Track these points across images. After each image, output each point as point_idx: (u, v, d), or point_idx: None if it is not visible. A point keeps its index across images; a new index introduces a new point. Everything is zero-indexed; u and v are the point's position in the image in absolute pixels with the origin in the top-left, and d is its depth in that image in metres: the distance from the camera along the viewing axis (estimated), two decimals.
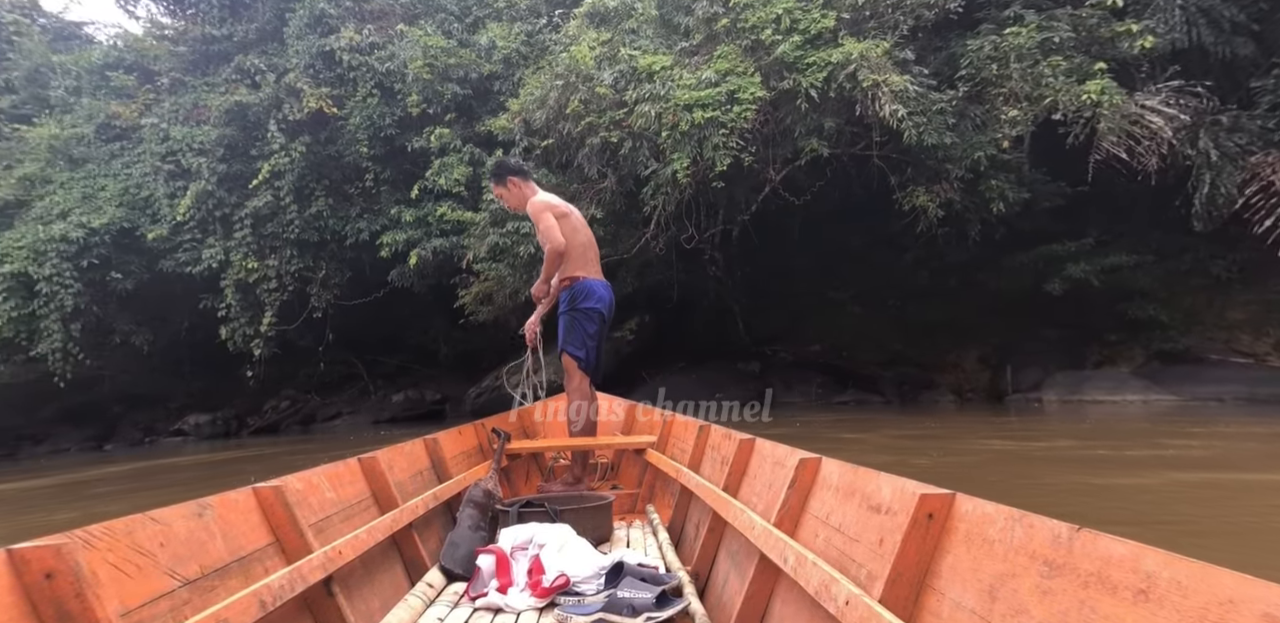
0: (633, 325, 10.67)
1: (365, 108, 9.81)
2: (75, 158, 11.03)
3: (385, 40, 10.40)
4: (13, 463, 10.79)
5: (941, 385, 10.78)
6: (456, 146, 9.46)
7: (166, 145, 10.03)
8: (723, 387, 10.44)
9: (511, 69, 10.16)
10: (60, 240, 9.69)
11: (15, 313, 9.71)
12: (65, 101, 12.00)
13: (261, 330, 9.78)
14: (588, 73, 8.70)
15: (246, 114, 9.82)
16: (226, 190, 9.80)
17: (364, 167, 9.87)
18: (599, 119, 8.61)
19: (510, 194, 3.20)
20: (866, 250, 11.39)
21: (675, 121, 8.06)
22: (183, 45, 11.49)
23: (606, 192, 8.98)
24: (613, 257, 9.42)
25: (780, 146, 8.78)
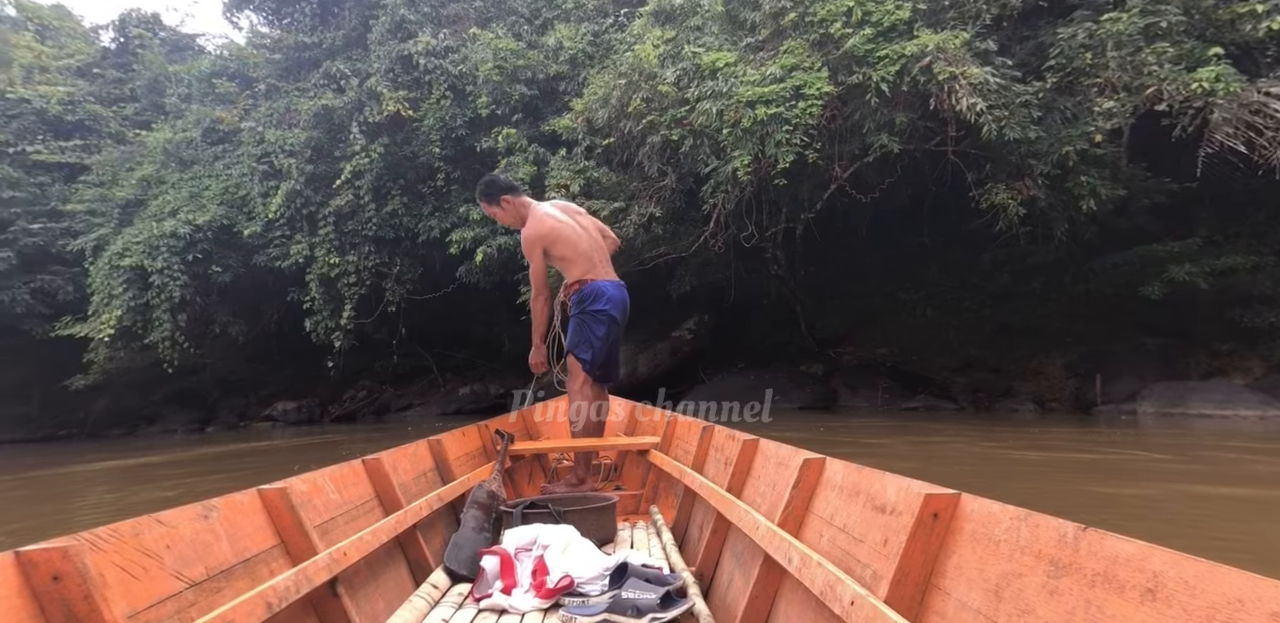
0: (691, 325, 10.64)
1: (438, 110, 10.20)
2: (185, 160, 12.06)
3: (459, 44, 10.76)
4: (132, 440, 12.01)
5: (1021, 393, 10.18)
6: (522, 147, 9.70)
7: (261, 147, 10.79)
8: (782, 388, 10.27)
9: (577, 69, 10.30)
10: (170, 236, 10.64)
11: (133, 303, 10.77)
12: (178, 108, 13.11)
13: (341, 323, 10.42)
14: (650, 71, 8.73)
15: (332, 117, 10.42)
16: (313, 190, 10.45)
17: (436, 167, 10.27)
18: (660, 117, 8.63)
19: (505, 213, 3.18)
20: (940, 250, 10.88)
21: (737, 119, 7.97)
22: (278, 53, 12.29)
23: (666, 190, 8.99)
24: (671, 255, 9.44)
25: (847, 143, 8.52)
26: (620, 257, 9.18)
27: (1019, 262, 10.17)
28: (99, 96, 14.23)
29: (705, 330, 10.84)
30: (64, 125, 13.66)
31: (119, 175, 12.43)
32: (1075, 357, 9.83)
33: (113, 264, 10.90)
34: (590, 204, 8.82)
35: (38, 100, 13.73)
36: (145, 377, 12.15)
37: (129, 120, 13.90)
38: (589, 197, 8.96)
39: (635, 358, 10.54)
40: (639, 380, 10.47)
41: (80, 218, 12.38)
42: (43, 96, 13.83)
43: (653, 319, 11.06)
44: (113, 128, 13.68)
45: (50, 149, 13.19)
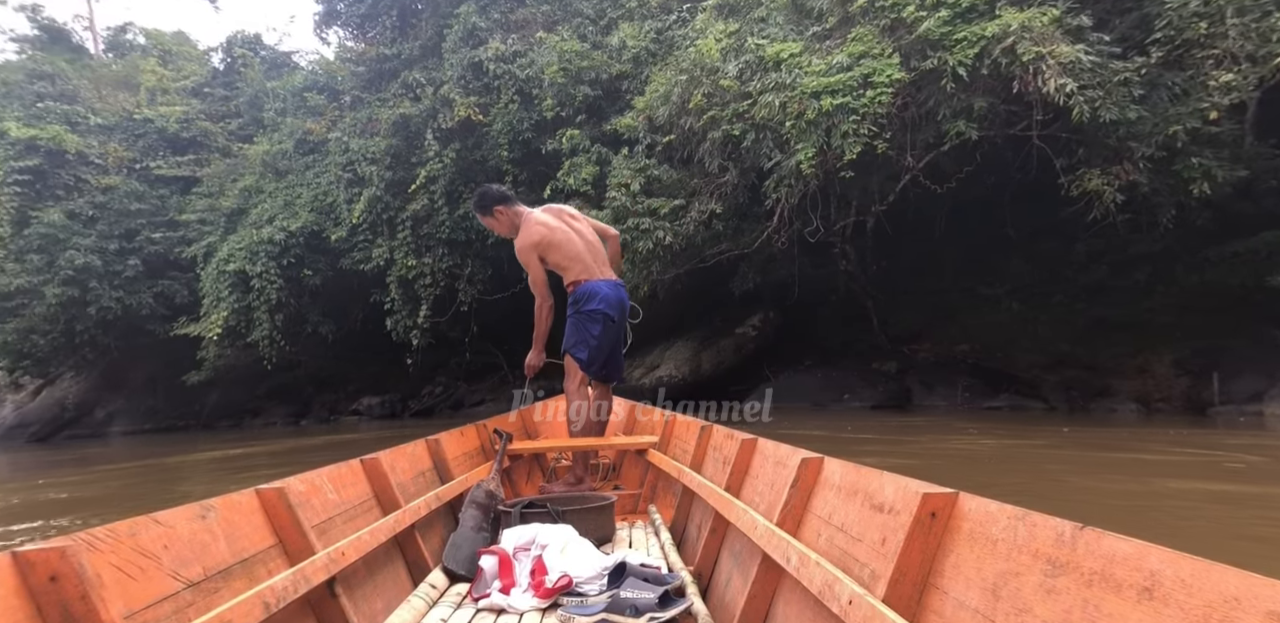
0: (755, 322, 10.47)
1: (506, 114, 10.48)
2: (280, 170, 12.99)
3: (526, 48, 11.01)
4: (238, 432, 13.15)
5: (1122, 393, 9.39)
6: (585, 147, 9.82)
7: (346, 156, 11.45)
8: (852, 387, 9.96)
9: (640, 67, 10.32)
10: (267, 242, 11.51)
11: (237, 305, 11.75)
12: (274, 121, 14.11)
13: (418, 322, 10.95)
14: (712, 65, 8.66)
15: (409, 125, 10.92)
16: (392, 195, 11.00)
17: (504, 169, 10.56)
18: (722, 112, 8.53)
19: (499, 223, 3.26)
20: (1026, 242, 10.19)
21: (801, 110, 7.80)
22: (361, 65, 12.97)
23: (727, 185, 8.89)
24: (733, 251, 9.32)
25: (921, 131, 8.16)
26: (681, 253, 9.27)
27: (1118, 251, 9.39)
28: (209, 113, 15.55)
29: (770, 328, 10.64)
30: (180, 141, 15.02)
31: (225, 186, 13.56)
32: (1187, 353, 8.97)
33: (219, 269, 11.93)
34: (650, 202, 8.86)
35: (159, 119, 15.15)
36: (249, 373, 13.22)
37: (233, 134, 15.12)
38: (649, 194, 8.99)
39: (698, 356, 10.49)
40: (702, 378, 10.42)
41: (193, 226, 13.60)
42: (163, 116, 15.25)
43: (715, 316, 10.97)
44: (220, 142, 14.93)
45: (169, 164, 14.55)
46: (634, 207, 8.76)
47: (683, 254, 9.12)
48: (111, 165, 14.43)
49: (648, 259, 8.85)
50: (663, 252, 8.70)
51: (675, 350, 10.52)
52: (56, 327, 13.77)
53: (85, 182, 14.10)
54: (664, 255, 8.82)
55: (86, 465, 9.41)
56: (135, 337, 14.03)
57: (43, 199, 13.79)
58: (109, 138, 14.76)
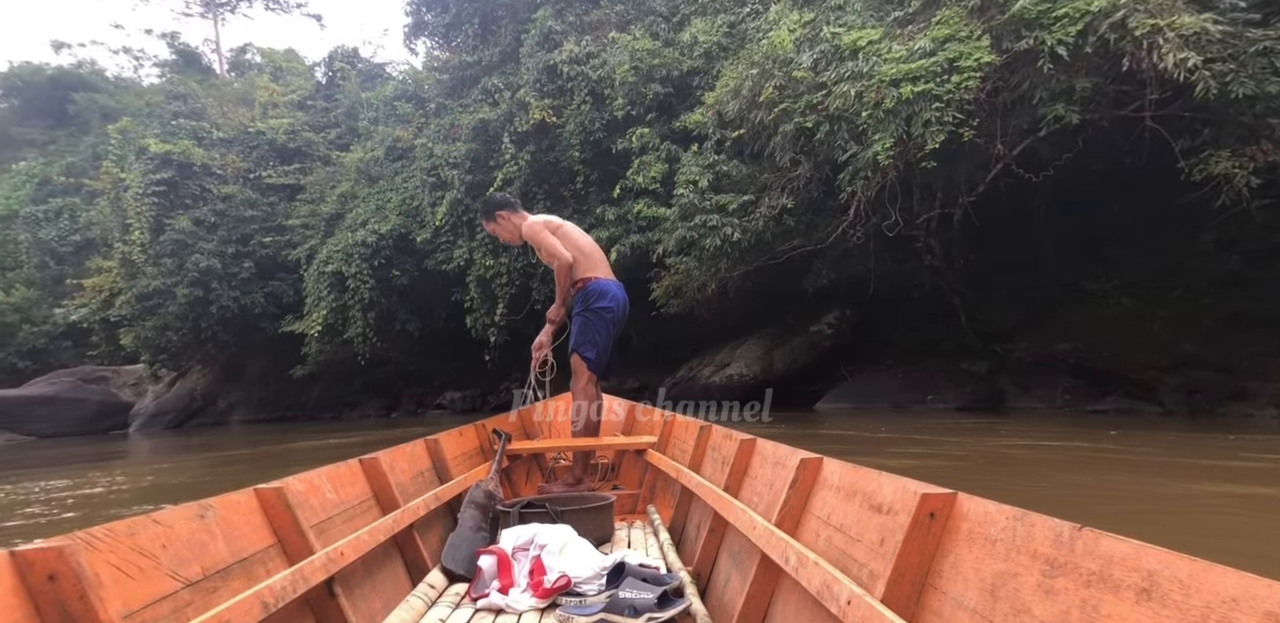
0: (831, 319, 10.10)
1: (579, 115, 10.63)
2: (372, 176, 13.79)
3: (599, 49, 11.13)
4: (336, 423, 14.09)
5: (1259, 396, 8.35)
6: (655, 145, 9.81)
7: (431, 161, 12.00)
8: (937, 387, 9.43)
9: (711, 63, 10.21)
10: (361, 244, 12.26)
11: (335, 303, 12.61)
12: (368, 130, 15.00)
13: (495, 320, 11.33)
14: (785, 57, 8.47)
15: (487, 129, 11.29)
16: (471, 198, 11.42)
17: (575, 170, 10.72)
18: (794, 104, 8.32)
19: (502, 228, 3.26)
20: (1142, 231, 9.26)
21: (878, 99, 7.50)
22: (445, 73, 13.53)
23: (800, 179, 8.62)
24: (806, 247, 9.05)
25: (1013, 117, 7.66)
26: (750, 250, 9.09)
27: (1255, 240, 8.37)
28: (311, 124, 16.74)
29: (847, 326, 10.24)
30: (287, 152, 16.25)
31: (325, 192, 14.56)
32: None
33: (319, 270, 12.83)
34: (718, 198, 8.73)
35: (270, 132, 16.46)
36: (346, 368, 14.14)
37: (332, 143, 16.20)
38: (717, 191, 8.86)
39: (770, 354, 10.25)
40: (775, 377, 10.17)
41: (297, 231, 14.70)
42: (273, 128, 16.55)
43: (788, 314, 10.66)
44: (321, 151, 16.04)
45: (277, 173, 15.78)
46: (701, 203, 8.66)
47: (752, 251, 8.93)
48: (230, 175, 15.82)
49: (715, 256, 8.73)
50: (730, 248, 8.56)
51: (746, 348, 10.33)
52: (186, 324, 15.27)
53: (209, 191, 15.53)
54: (732, 252, 8.67)
55: (208, 451, 10.39)
56: (250, 333, 15.34)
57: (174, 208, 15.31)
58: (228, 150, 16.18)
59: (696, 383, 10.47)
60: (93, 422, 18.37)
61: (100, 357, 20.00)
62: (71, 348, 20.92)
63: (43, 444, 15.62)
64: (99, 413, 18.64)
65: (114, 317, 17.02)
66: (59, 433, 17.62)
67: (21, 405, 18.08)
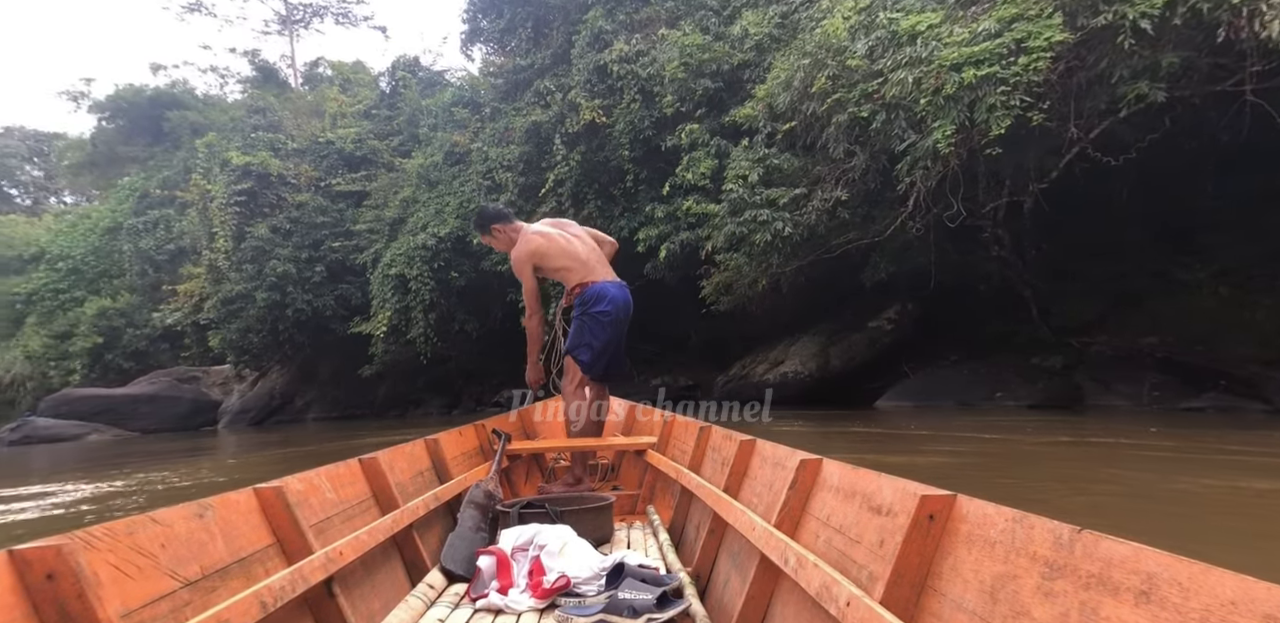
0: (891, 314, 9.72)
1: (628, 113, 10.63)
2: (431, 181, 14.22)
3: (649, 47, 11.10)
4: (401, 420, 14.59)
5: None
6: (704, 141, 9.71)
7: (486, 164, 12.26)
8: (1007, 384, 8.93)
9: (763, 55, 10.03)
10: (421, 247, 12.66)
11: (398, 305, 13.08)
12: (428, 136, 15.47)
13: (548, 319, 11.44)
14: (839, 46, 8.25)
15: (539, 131, 11.44)
16: (524, 199, 11.61)
17: (625, 168, 10.72)
18: (848, 94, 8.09)
19: (497, 240, 3.32)
20: (1241, 214, 8.49)
21: (938, 85, 7.24)
22: (500, 78, 13.81)
23: (854, 171, 8.35)
24: (862, 240, 8.75)
25: (1090, 98, 7.24)
26: (803, 244, 8.86)
27: None
28: (376, 133, 17.41)
29: (908, 320, 9.83)
30: (354, 160, 16.97)
31: (388, 198, 15.11)
32: None
33: (383, 273, 13.33)
34: (769, 193, 8.55)
35: (339, 141, 17.23)
36: (410, 367, 14.62)
37: (395, 150, 16.81)
38: (768, 185, 8.68)
39: (826, 351, 9.96)
40: (832, 375, 9.87)
41: (363, 235, 15.32)
42: (341, 138, 17.31)
43: (845, 309, 10.33)
44: (385, 158, 16.67)
45: (345, 180, 16.49)
46: (751, 198, 8.50)
47: (805, 245, 8.70)
48: (303, 184, 16.65)
49: (766, 251, 8.54)
50: (782, 243, 8.36)
51: (801, 345, 10.08)
52: (265, 326, 16.17)
53: (284, 199, 16.39)
54: (783, 247, 8.47)
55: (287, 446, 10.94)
56: (322, 335, 16.10)
57: (254, 216, 16.24)
58: (302, 160, 17.03)
59: (749, 381, 10.29)
60: (186, 418, 19.74)
61: (192, 358, 21.46)
62: (168, 349, 22.52)
63: (145, 439, 16.90)
64: (192, 410, 20.02)
65: (203, 320, 18.20)
66: (158, 429, 19.03)
67: (127, 403, 19.64)
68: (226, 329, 16.68)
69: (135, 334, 22.36)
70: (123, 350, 22.46)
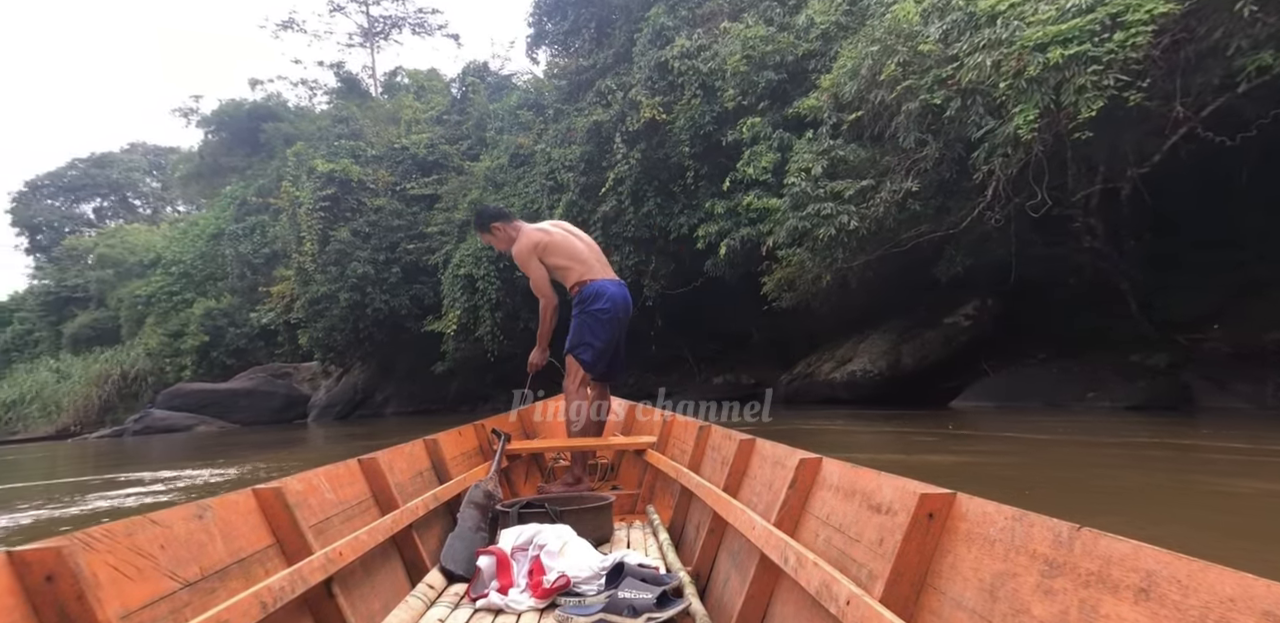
0: (969, 310, 9.16)
1: (689, 109, 10.50)
2: (497, 182, 14.53)
3: (710, 41, 10.94)
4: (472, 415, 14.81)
5: None
6: (766, 134, 9.48)
7: (549, 165, 12.41)
8: (1102, 384, 8.22)
9: (829, 44, 9.69)
10: (488, 248, 12.91)
11: (467, 304, 13.44)
12: (494, 139, 15.81)
13: None
14: (910, 31, 7.92)
15: (600, 131, 11.47)
16: (585, 199, 11.67)
17: (685, 165, 10.61)
18: (920, 80, 7.73)
19: (497, 239, 3.30)
20: None
21: (1020, 67, 6.84)
22: (563, 79, 13.94)
23: (926, 161, 7.92)
24: (935, 233, 8.28)
25: (1199, 73, 6.69)
26: (870, 238, 8.48)
27: None
28: (447, 137, 17.96)
29: (988, 316, 9.23)
30: (427, 164, 17.58)
31: (458, 201, 15.55)
32: None
33: (453, 273, 13.72)
34: (833, 185, 8.22)
35: (413, 146, 17.89)
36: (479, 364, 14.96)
37: (464, 154, 17.28)
38: (832, 177, 8.34)
39: (897, 349, 9.48)
40: (903, 374, 9.39)
41: (435, 237, 15.83)
42: (415, 143, 17.97)
43: (918, 305, 9.81)
44: (455, 162, 17.16)
45: (419, 184, 17.11)
46: (814, 191, 8.19)
47: (872, 239, 8.31)
48: (380, 189, 17.39)
49: (829, 246, 8.21)
50: (847, 237, 8.02)
51: (870, 343, 9.64)
52: (348, 325, 17.02)
53: (364, 204, 17.18)
54: (848, 241, 8.13)
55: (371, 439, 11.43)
56: (398, 333, 16.79)
57: (337, 220, 17.10)
58: (379, 166, 17.79)
59: (815, 380, 9.94)
60: (280, 412, 21.10)
61: (284, 355, 22.86)
62: (264, 347, 24.07)
63: (245, 431, 18.18)
64: (285, 405, 21.38)
65: (293, 319, 19.34)
66: (255, 422, 20.43)
67: (229, 397, 21.22)
68: (313, 328, 17.65)
69: (236, 333, 24.04)
70: (226, 348, 24.19)
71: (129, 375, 26.46)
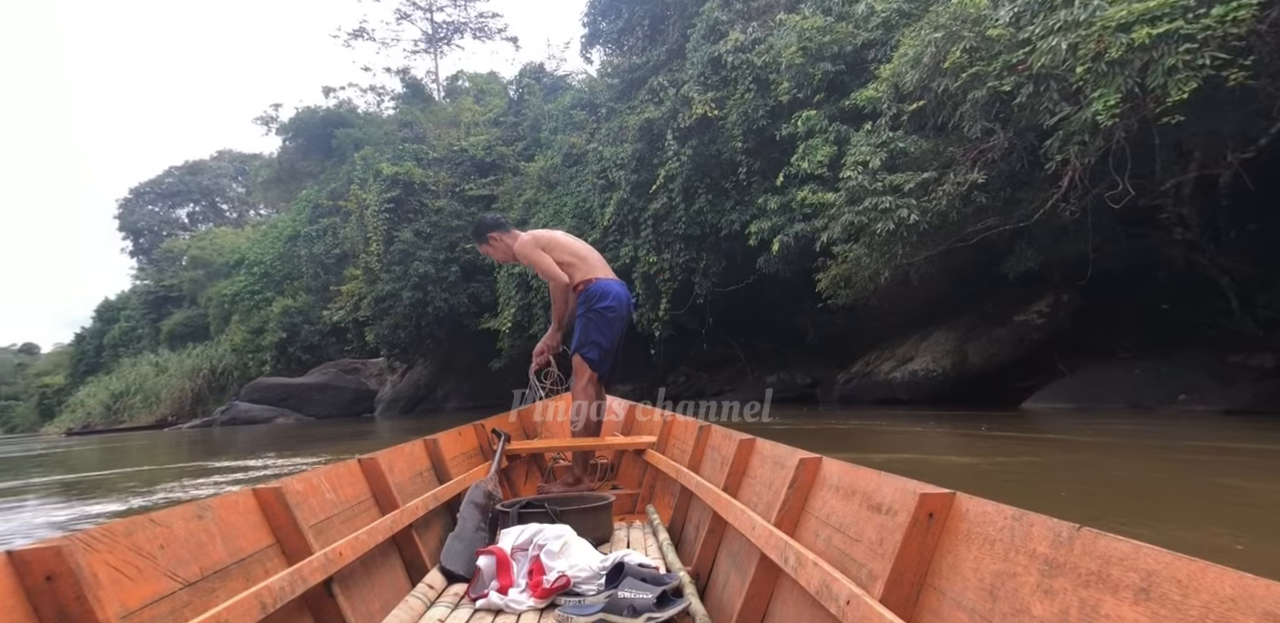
0: (1043, 307, 8.60)
1: (742, 104, 10.29)
2: (551, 182, 14.66)
3: (765, 34, 10.70)
4: None
5: None
6: (822, 127, 9.17)
7: (601, 164, 12.42)
8: (1195, 385, 7.58)
9: (890, 33, 9.31)
10: None
11: (521, 302, 13.63)
12: (548, 140, 15.96)
13: (659, 315, 11.41)
14: (978, 15, 7.54)
15: (652, 128, 11.39)
16: (636, 197, 11.61)
17: (737, 161, 10.42)
18: (987, 67, 7.35)
19: (496, 249, 3.32)
20: None
21: (1100, 49, 6.44)
22: (616, 78, 13.93)
23: (994, 151, 7.48)
24: (1005, 226, 7.83)
25: None
26: (933, 232, 8.10)
27: None
28: (504, 139, 18.29)
29: (1064, 313, 8.64)
30: (484, 165, 17.94)
31: (513, 201, 15.80)
32: None
33: (508, 272, 13.93)
34: (892, 178, 7.86)
35: (471, 148, 18.30)
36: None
37: (520, 155, 17.54)
38: (891, 170, 7.98)
39: (963, 347, 9.00)
40: (970, 373, 8.91)
41: None
42: (473, 145, 18.38)
43: (985, 302, 9.29)
44: (511, 163, 17.45)
45: (476, 185, 17.49)
46: (872, 185, 7.86)
47: (934, 234, 7.91)
48: (441, 190, 17.87)
49: (888, 242, 7.86)
50: (906, 232, 7.65)
51: (933, 341, 9.19)
52: (411, 322, 17.57)
53: (425, 205, 17.69)
54: (908, 236, 7.75)
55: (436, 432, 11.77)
56: (457, 331, 17.22)
57: (400, 222, 17.68)
58: (440, 168, 18.28)
59: (874, 379, 9.55)
60: (349, 406, 22.04)
61: (353, 351, 23.84)
62: (335, 343, 25.17)
63: (319, 423, 19.06)
64: (354, 399, 22.31)
65: (360, 317, 20.12)
66: (328, 415, 21.40)
67: (304, 391, 22.33)
68: (379, 325, 18.30)
69: (310, 330, 25.23)
70: (301, 344, 25.44)
71: (217, 369, 28.22)
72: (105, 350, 38.83)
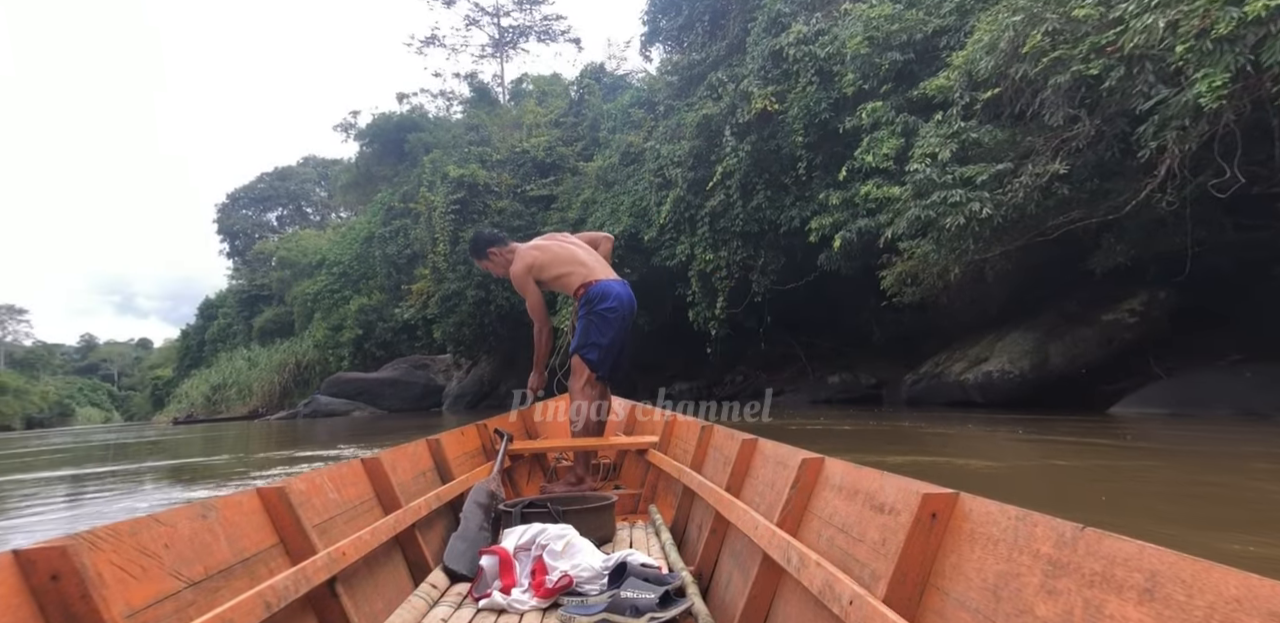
0: (1136, 305, 7.93)
1: (803, 97, 9.98)
2: (608, 181, 14.65)
3: (829, 25, 10.33)
4: None
5: None
6: (889, 119, 8.76)
7: (658, 162, 12.31)
8: None
9: (964, 18, 8.82)
10: None
11: None
12: (607, 139, 15.96)
13: (716, 313, 11.20)
14: None
15: (710, 125, 11.20)
16: (693, 194, 11.44)
17: (797, 155, 10.10)
18: (1072, 50, 6.87)
19: (494, 263, 3.32)
20: None
21: (1205, 26, 5.86)
22: (674, 75, 13.79)
23: (1079, 139, 6.95)
24: (1091, 220, 7.25)
25: None
26: (1008, 227, 7.60)
27: None
28: (564, 139, 18.44)
29: (1160, 312, 7.92)
30: (544, 166, 18.15)
31: (572, 200, 15.89)
32: None
33: None
34: (963, 171, 7.40)
35: (532, 150, 18.55)
36: None
37: (579, 155, 17.64)
38: (962, 162, 7.53)
39: (1043, 347, 8.39)
40: (1050, 374, 8.31)
41: None
42: (535, 146, 18.62)
43: (1068, 299, 8.63)
44: (570, 163, 17.57)
45: (537, 186, 17.71)
46: (941, 178, 7.42)
47: (1010, 228, 7.41)
48: (503, 191, 18.19)
49: (958, 237, 7.41)
50: (978, 226, 7.18)
51: (1010, 341, 8.61)
52: (474, 320, 17.99)
53: (489, 206, 18.05)
54: (980, 231, 7.28)
55: None
56: (518, 328, 17.44)
57: (465, 222, 18.10)
58: (503, 169, 18.62)
59: (944, 380, 9.05)
60: (419, 400, 22.82)
61: (423, 347, 24.67)
62: (406, 340, 26.13)
63: (392, 417, 19.83)
64: (423, 393, 23.11)
65: (429, 315, 20.78)
66: (399, 409, 22.23)
67: (378, 385, 23.33)
68: (445, 323, 18.83)
69: (384, 327, 26.28)
70: (375, 341, 26.56)
71: (301, 364, 29.92)
72: (206, 346, 41.93)
